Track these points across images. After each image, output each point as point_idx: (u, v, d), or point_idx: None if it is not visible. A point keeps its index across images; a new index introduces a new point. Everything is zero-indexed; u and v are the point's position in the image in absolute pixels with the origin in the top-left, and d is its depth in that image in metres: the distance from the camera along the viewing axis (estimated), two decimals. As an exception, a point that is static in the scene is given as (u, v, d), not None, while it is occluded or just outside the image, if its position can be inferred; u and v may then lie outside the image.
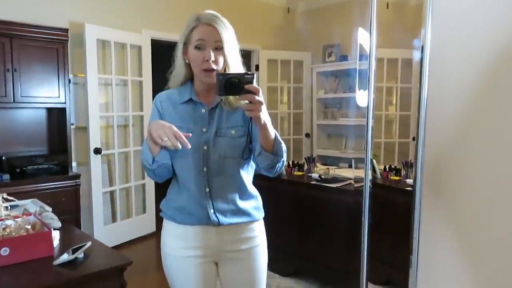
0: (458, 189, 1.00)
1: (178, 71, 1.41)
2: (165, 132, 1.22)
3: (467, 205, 1.00)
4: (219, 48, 1.32)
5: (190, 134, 1.26)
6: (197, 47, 1.32)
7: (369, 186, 1.02)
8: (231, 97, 1.36)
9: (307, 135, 5.42)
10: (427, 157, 0.97)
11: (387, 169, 3.18)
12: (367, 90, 1.07)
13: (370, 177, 1.02)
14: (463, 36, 0.94)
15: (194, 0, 4.37)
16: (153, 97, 1.50)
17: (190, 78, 1.42)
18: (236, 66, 1.37)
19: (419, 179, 0.94)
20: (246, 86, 1.18)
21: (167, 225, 1.47)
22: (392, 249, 2.65)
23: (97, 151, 3.79)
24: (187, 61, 1.38)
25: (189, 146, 1.23)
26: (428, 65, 0.89)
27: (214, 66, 1.31)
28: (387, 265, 2.76)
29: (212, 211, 1.38)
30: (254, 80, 1.20)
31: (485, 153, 0.96)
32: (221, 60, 1.32)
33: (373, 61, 0.99)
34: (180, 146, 1.22)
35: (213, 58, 1.30)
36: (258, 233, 1.47)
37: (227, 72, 1.34)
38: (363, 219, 1.01)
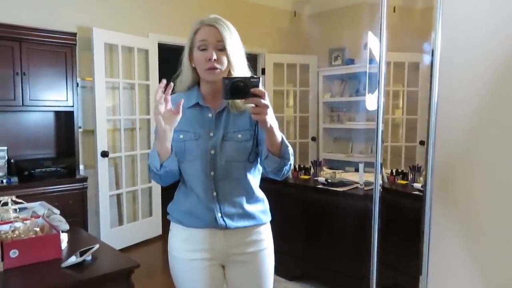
0: (469, 193, 1.00)
1: (184, 76, 1.42)
2: (158, 107, 1.24)
3: (478, 209, 0.99)
4: (222, 49, 1.33)
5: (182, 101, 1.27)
6: (200, 48, 1.33)
7: (379, 190, 1.02)
8: (238, 102, 1.36)
9: (313, 139, 5.41)
10: (437, 161, 0.97)
11: (394, 173, 3.17)
12: (375, 94, 1.06)
13: (380, 181, 1.02)
14: (473, 39, 0.94)
15: (201, 4, 4.42)
16: (160, 100, 1.50)
17: (196, 82, 1.43)
18: (241, 68, 1.37)
19: (430, 183, 0.94)
20: (252, 90, 1.18)
21: (174, 228, 1.47)
22: (399, 253, 2.64)
23: (104, 154, 3.81)
24: (193, 65, 1.39)
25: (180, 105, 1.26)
26: (438, 68, 0.89)
27: (217, 65, 1.32)
28: (394, 269, 2.74)
29: (219, 214, 1.38)
30: (260, 84, 1.20)
31: (495, 157, 0.95)
32: (224, 60, 1.33)
33: (383, 65, 0.99)
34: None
35: (215, 57, 1.31)
36: (265, 237, 1.47)
37: (232, 74, 1.35)
38: (372, 224, 1.00)
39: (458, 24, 0.95)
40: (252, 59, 4.97)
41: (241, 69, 1.37)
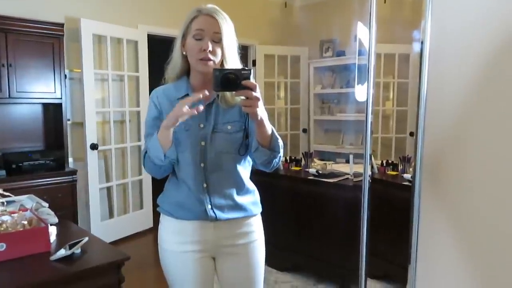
0: (457, 183, 1.01)
1: (175, 62, 1.41)
2: (180, 109, 1.21)
3: (466, 199, 1.00)
4: (217, 41, 1.32)
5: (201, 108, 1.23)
6: (196, 37, 1.31)
7: (369, 181, 1.02)
8: (227, 95, 1.36)
9: (304, 131, 5.42)
10: (426, 152, 0.97)
11: (384, 164, 3.19)
12: (365, 85, 1.06)
13: (369, 172, 1.02)
14: (463, 29, 0.94)
15: (191, -6, 4.37)
16: (150, 92, 1.49)
17: (186, 71, 1.42)
18: (233, 61, 1.36)
19: (418, 173, 0.94)
20: (243, 82, 1.17)
21: (164, 220, 1.47)
22: (389, 243, 2.66)
23: (94, 146, 3.77)
24: (184, 53, 1.37)
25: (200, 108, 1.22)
26: (427, 58, 0.89)
27: (211, 57, 1.31)
28: (384, 259, 2.78)
29: (209, 206, 1.38)
30: (251, 76, 1.19)
31: (484, 147, 0.96)
32: (218, 52, 1.32)
33: (372, 57, 0.99)
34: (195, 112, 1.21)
35: (210, 49, 1.30)
36: (256, 228, 1.48)
37: (224, 66, 1.34)
38: (362, 214, 1.01)
39: (448, 13, 0.95)
40: (243, 51, 4.94)
41: (233, 62, 1.36)
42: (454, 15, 0.95)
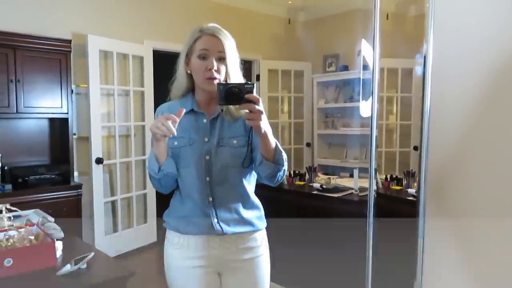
0: (462, 198, 1.01)
1: (179, 81, 1.43)
2: (158, 122, 1.23)
3: (471, 213, 1.01)
4: (222, 59, 1.35)
5: (183, 110, 1.27)
6: (201, 57, 1.34)
7: (374, 196, 1.03)
8: (232, 108, 1.38)
9: (308, 145, 5.42)
10: (430, 168, 0.98)
11: (388, 179, 3.18)
12: (369, 100, 1.08)
13: (374, 187, 1.03)
14: (465, 50, 0.95)
15: (196, 11, 4.44)
16: (155, 107, 1.52)
17: (191, 89, 1.44)
18: (236, 76, 1.39)
19: (423, 188, 0.95)
20: (246, 96, 1.20)
21: (170, 235, 1.47)
22: (394, 258, 2.64)
23: (99, 161, 3.79)
24: (188, 72, 1.40)
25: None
26: (430, 78, 0.91)
27: (216, 75, 1.34)
28: (389, 274, 2.75)
29: (215, 220, 1.38)
30: (254, 90, 1.22)
31: (487, 161, 0.97)
32: (223, 69, 1.35)
33: (376, 72, 1.00)
34: (174, 132, 1.22)
35: (215, 68, 1.33)
36: (261, 243, 1.48)
37: (228, 82, 1.36)
38: (367, 229, 1.01)
39: (449, 34, 0.97)
40: (247, 66, 5.00)
41: (237, 78, 1.39)
42: (456, 36, 0.97)
